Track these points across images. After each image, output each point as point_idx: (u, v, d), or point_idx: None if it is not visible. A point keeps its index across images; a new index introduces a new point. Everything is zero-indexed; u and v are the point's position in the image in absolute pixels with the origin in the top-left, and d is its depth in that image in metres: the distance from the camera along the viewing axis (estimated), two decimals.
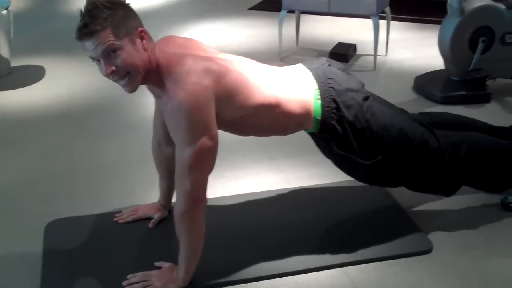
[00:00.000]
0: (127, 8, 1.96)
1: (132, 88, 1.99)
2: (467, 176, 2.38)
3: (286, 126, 2.22)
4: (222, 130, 2.14)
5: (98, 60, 1.92)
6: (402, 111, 2.43)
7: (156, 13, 5.55)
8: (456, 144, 2.31)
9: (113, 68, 1.91)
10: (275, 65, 2.33)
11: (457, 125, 2.51)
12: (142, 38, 1.96)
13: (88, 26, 1.86)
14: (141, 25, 1.98)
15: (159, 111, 2.30)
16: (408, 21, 5.14)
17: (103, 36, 1.87)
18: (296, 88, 2.19)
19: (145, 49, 1.96)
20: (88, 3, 1.89)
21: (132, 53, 1.92)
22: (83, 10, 1.88)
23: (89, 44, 1.89)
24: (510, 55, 3.58)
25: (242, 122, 2.14)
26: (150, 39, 2.01)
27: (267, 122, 2.17)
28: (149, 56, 1.97)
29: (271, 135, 2.31)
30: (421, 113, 2.57)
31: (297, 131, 2.28)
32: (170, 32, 4.85)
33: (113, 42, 1.88)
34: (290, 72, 2.26)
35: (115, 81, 1.97)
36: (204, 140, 1.94)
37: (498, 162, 2.41)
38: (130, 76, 1.94)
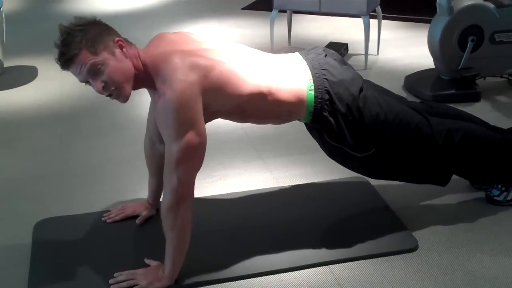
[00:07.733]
0: (100, 24, 2.02)
1: (124, 98, 2.05)
2: (459, 164, 2.39)
3: (278, 114, 2.24)
4: (223, 118, 2.21)
5: (88, 81, 2.01)
6: (400, 99, 2.45)
7: (151, 13, 5.53)
8: (451, 131, 2.32)
9: (103, 84, 1.98)
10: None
11: (455, 117, 2.52)
12: (121, 47, 2.01)
13: (65, 54, 1.95)
14: (117, 35, 2.03)
15: (153, 109, 2.32)
16: (400, 20, 5.16)
17: (82, 58, 1.95)
18: (290, 77, 2.20)
19: (126, 57, 2.01)
20: (60, 33, 1.96)
21: (115, 65, 1.98)
22: (58, 41, 1.96)
23: (74, 70, 1.99)
24: (499, 54, 3.59)
25: (238, 111, 2.16)
26: (130, 45, 2.05)
27: (262, 109, 2.19)
28: (134, 62, 2.02)
29: (267, 123, 2.36)
30: (421, 102, 2.58)
31: (290, 120, 2.30)
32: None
33: (94, 60, 1.96)
34: (286, 60, 2.27)
35: (107, 96, 2.04)
36: (191, 136, 1.96)
37: (490, 153, 2.42)
38: (117, 88, 2.01)
